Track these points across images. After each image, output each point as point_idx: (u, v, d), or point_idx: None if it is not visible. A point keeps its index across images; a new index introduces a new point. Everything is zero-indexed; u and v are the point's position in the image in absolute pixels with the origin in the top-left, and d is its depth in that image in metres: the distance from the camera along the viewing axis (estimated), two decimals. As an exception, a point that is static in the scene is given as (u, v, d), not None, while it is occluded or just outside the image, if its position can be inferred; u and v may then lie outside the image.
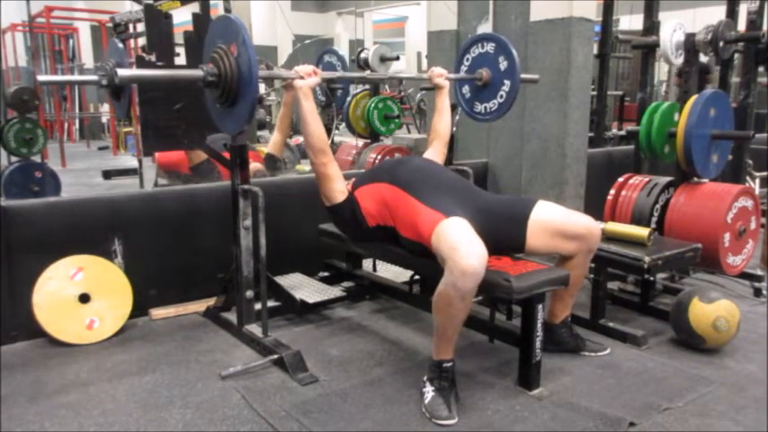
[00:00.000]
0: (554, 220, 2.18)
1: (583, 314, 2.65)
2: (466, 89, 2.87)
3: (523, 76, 2.71)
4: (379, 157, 4.47)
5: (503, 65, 2.69)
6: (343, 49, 13.01)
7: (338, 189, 2.33)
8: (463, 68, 2.84)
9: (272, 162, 3.54)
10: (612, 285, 3.00)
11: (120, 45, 2.78)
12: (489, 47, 2.73)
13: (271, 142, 3.58)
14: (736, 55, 3.51)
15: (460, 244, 1.87)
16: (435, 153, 2.68)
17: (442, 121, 2.73)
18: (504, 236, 2.19)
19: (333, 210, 2.38)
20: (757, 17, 3.17)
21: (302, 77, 2.23)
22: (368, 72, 4.60)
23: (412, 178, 2.24)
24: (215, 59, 2.03)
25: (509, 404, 2.03)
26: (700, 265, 2.84)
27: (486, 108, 2.79)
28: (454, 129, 3.15)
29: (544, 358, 2.15)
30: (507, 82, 2.68)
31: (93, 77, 1.89)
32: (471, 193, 2.32)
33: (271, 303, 2.63)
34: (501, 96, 2.71)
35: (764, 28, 3.21)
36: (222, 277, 2.71)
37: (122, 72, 1.88)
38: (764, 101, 6.57)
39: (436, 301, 1.94)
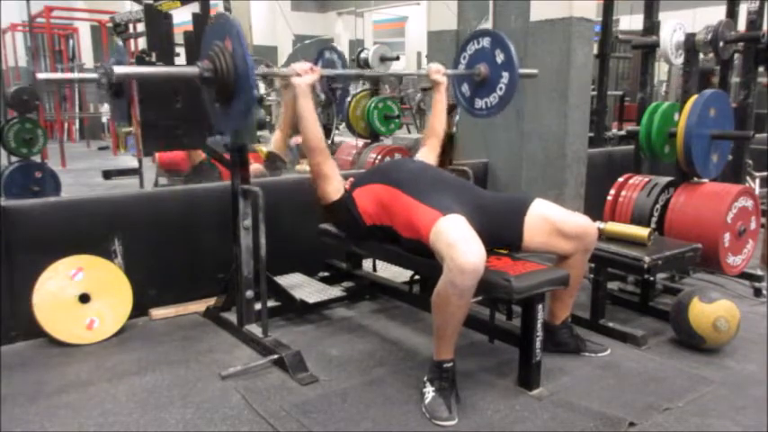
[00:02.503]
0: (551, 218, 2.18)
1: (583, 314, 2.65)
2: (465, 88, 2.87)
3: (522, 71, 2.71)
4: (379, 157, 4.47)
5: (499, 58, 2.68)
6: (343, 49, 13.05)
7: (334, 188, 2.34)
8: (461, 66, 2.84)
9: (272, 162, 3.55)
10: (612, 285, 2.99)
11: (122, 44, 2.78)
12: (485, 42, 2.73)
13: (272, 140, 3.59)
14: (736, 55, 3.51)
15: (458, 242, 1.87)
16: (430, 151, 2.69)
17: (438, 119, 2.73)
18: (501, 232, 2.19)
19: (329, 208, 2.38)
20: (757, 17, 3.17)
21: (299, 75, 2.23)
22: (367, 70, 4.61)
23: (408, 178, 2.24)
24: (210, 56, 2.04)
25: (509, 404, 2.03)
26: (700, 265, 2.85)
27: (486, 103, 2.79)
28: (454, 129, 3.16)
29: (544, 358, 2.15)
30: (506, 74, 2.67)
31: (93, 75, 1.89)
32: (468, 190, 2.32)
33: (271, 303, 2.63)
34: (500, 89, 2.71)
35: (764, 28, 3.21)
36: (222, 277, 2.72)
37: (119, 69, 1.88)
38: (765, 101, 6.56)
39: (435, 300, 1.94)
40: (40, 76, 3.51)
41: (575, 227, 2.18)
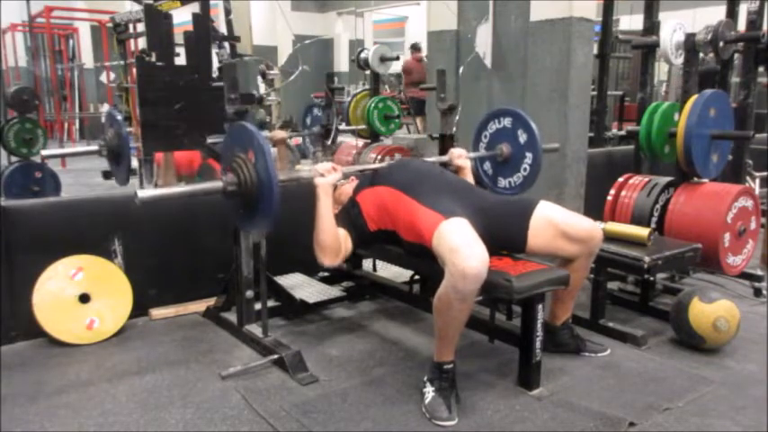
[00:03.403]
0: (557, 222, 2.17)
1: (583, 314, 2.65)
2: (487, 165, 2.89)
3: (545, 146, 2.73)
4: (379, 157, 4.47)
5: (522, 138, 2.72)
6: (343, 49, 13.02)
7: (346, 249, 2.27)
8: (482, 145, 2.86)
9: None
10: (612, 285, 2.99)
11: (119, 116, 2.77)
12: (506, 122, 2.76)
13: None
14: (736, 55, 3.51)
15: (461, 246, 1.86)
16: None
17: None
18: (504, 235, 2.18)
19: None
20: (757, 17, 3.17)
21: (322, 175, 2.19)
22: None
23: (411, 180, 2.22)
24: (234, 168, 2.02)
25: (509, 404, 2.03)
26: (700, 265, 2.85)
27: (510, 183, 2.81)
28: (454, 129, 3.16)
29: (544, 358, 2.15)
30: (529, 155, 2.70)
31: (94, 148, 1.81)
32: (471, 192, 2.31)
33: (271, 303, 2.63)
34: (525, 170, 2.74)
35: (764, 28, 3.21)
36: (222, 277, 2.72)
37: (142, 194, 1.84)
38: (765, 101, 6.56)
39: (437, 304, 1.93)
40: (44, 153, 3.42)
41: (580, 230, 2.17)
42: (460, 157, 2.62)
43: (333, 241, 2.19)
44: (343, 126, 4.91)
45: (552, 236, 2.16)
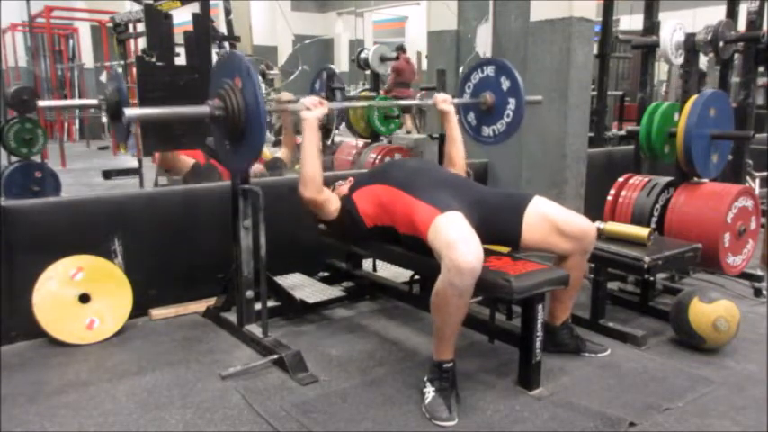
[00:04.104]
0: (551, 217, 2.18)
1: (583, 314, 2.65)
2: (471, 116, 2.88)
3: (528, 98, 2.73)
4: (379, 157, 4.47)
5: (505, 85, 2.71)
6: (343, 49, 13.03)
7: (332, 209, 2.33)
8: (466, 96, 2.86)
9: (273, 163, 3.57)
10: (612, 285, 2.99)
11: (120, 70, 2.78)
12: (489, 70, 2.75)
13: (280, 151, 3.65)
14: (736, 55, 3.51)
15: (457, 241, 1.87)
16: None
17: (455, 149, 2.67)
18: (499, 229, 2.19)
19: (329, 223, 2.39)
20: (757, 17, 3.17)
21: (309, 109, 2.22)
22: (375, 99, 4.63)
23: (407, 177, 2.24)
24: (221, 94, 2.02)
25: (509, 404, 2.03)
26: (700, 265, 2.84)
27: (494, 131, 2.81)
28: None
29: (544, 358, 2.15)
30: (512, 100, 2.69)
31: (93, 101, 1.89)
32: (467, 186, 2.33)
33: (271, 303, 2.63)
34: (508, 116, 2.73)
35: (764, 28, 3.21)
36: (222, 277, 2.71)
37: (129, 112, 1.87)
38: (765, 101, 6.56)
39: (434, 300, 1.94)
40: (41, 104, 3.48)
41: (574, 227, 2.18)
42: (445, 101, 2.65)
43: (316, 174, 2.24)
44: (341, 128, 4.91)
45: (546, 231, 2.17)
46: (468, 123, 2.89)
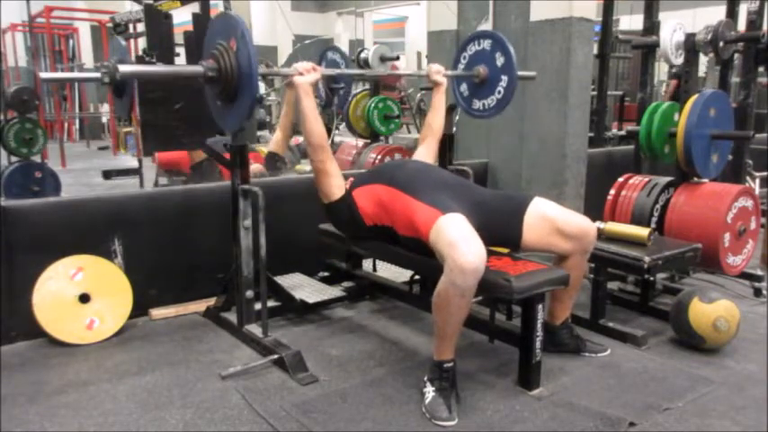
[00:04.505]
0: (551, 217, 2.18)
1: (583, 314, 2.65)
2: (464, 87, 2.87)
3: (521, 73, 2.72)
4: (379, 157, 4.47)
5: (499, 61, 2.69)
6: (343, 49, 13.05)
7: (336, 185, 2.35)
8: (461, 67, 2.85)
9: (272, 162, 3.55)
10: (612, 285, 2.99)
11: (123, 42, 2.79)
12: (486, 44, 2.74)
13: (272, 140, 3.60)
14: (736, 55, 3.51)
15: (459, 241, 1.87)
16: (428, 149, 2.71)
17: (437, 118, 2.75)
18: (499, 229, 2.19)
19: (330, 208, 2.39)
20: (757, 17, 3.17)
21: (301, 74, 2.24)
22: (367, 70, 4.61)
23: (407, 177, 2.25)
24: (215, 55, 2.04)
25: (509, 404, 2.03)
26: (700, 265, 2.84)
27: (484, 105, 2.80)
28: (454, 129, 3.16)
29: (544, 358, 2.15)
30: (504, 77, 2.69)
31: (96, 74, 1.90)
32: (467, 188, 2.33)
33: (271, 303, 2.63)
34: (499, 92, 2.72)
35: (764, 28, 3.21)
36: (222, 277, 2.72)
37: (123, 68, 1.88)
38: (764, 101, 6.57)
39: (436, 300, 1.94)
40: (43, 75, 3.50)
41: (574, 227, 2.18)
42: (438, 72, 2.70)
43: (320, 137, 2.28)
44: (341, 128, 4.91)
45: (546, 232, 2.18)
46: (460, 94, 2.90)
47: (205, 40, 2.25)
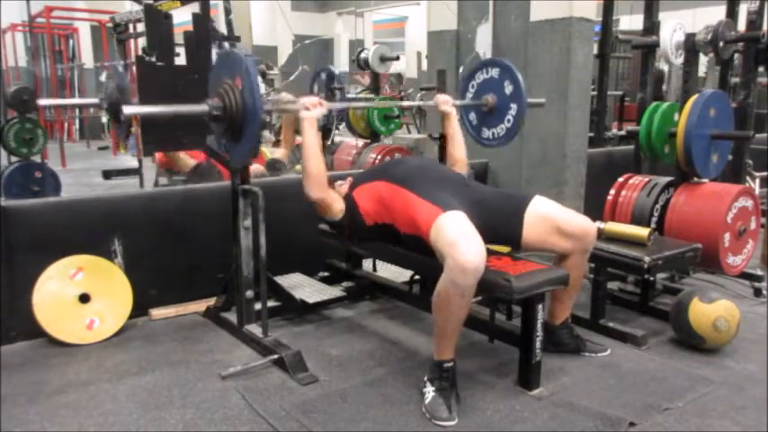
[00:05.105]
0: (551, 216, 2.18)
1: (583, 314, 2.65)
2: (472, 116, 2.88)
3: (530, 100, 2.73)
4: (379, 157, 4.47)
5: (508, 89, 2.70)
6: (343, 49, 13.04)
7: (338, 209, 2.34)
8: (468, 95, 2.85)
9: (273, 166, 3.57)
10: (612, 285, 2.99)
11: (121, 69, 2.80)
12: (494, 72, 2.75)
13: (277, 151, 3.64)
14: (736, 55, 3.51)
15: (459, 240, 1.87)
16: None
17: (456, 149, 2.69)
18: (500, 228, 2.19)
19: (332, 223, 2.40)
20: (757, 17, 3.17)
21: (308, 108, 2.23)
22: (375, 100, 4.63)
23: (408, 174, 2.24)
24: (220, 94, 2.03)
25: (509, 404, 2.03)
26: (700, 265, 2.85)
27: (493, 133, 2.81)
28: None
29: (544, 358, 2.15)
30: (514, 106, 2.69)
31: (94, 100, 1.89)
32: (468, 186, 2.33)
33: (271, 303, 2.62)
34: (508, 121, 2.73)
35: (764, 28, 3.21)
36: (222, 277, 2.72)
37: (128, 110, 1.87)
38: (765, 101, 6.56)
39: (436, 300, 1.94)
40: (42, 102, 3.52)
41: (574, 226, 2.18)
42: (446, 103, 2.66)
43: (320, 173, 2.25)
44: (341, 127, 4.91)
45: (546, 231, 2.18)
46: (468, 122, 2.89)
47: (210, 77, 2.24)
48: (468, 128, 2.90)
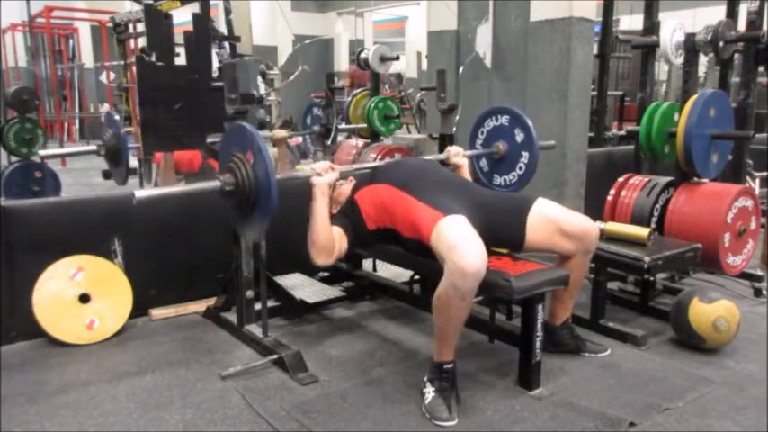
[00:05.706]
0: (554, 218, 2.18)
1: (583, 314, 2.65)
2: (483, 163, 2.90)
3: (541, 143, 2.74)
4: (379, 157, 4.47)
5: (519, 137, 2.72)
6: (343, 49, 13.03)
7: (345, 249, 2.24)
8: (478, 142, 2.87)
9: None
10: (612, 285, 2.99)
11: (116, 116, 2.86)
12: (503, 119, 2.77)
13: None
14: (736, 55, 3.51)
15: (460, 244, 1.87)
16: None
17: None
18: (502, 231, 2.19)
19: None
20: (757, 17, 3.17)
21: (319, 174, 2.17)
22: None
23: (409, 177, 2.23)
24: (232, 168, 2.02)
25: (509, 404, 2.03)
26: (700, 265, 2.84)
27: (505, 180, 2.83)
28: (454, 129, 3.16)
29: (544, 358, 2.15)
30: (525, 154, 2.71)
31: (92, 147, 1.85)
32: (469, 189, 2.32)
33: (271, 303, 2.63)
34: (520, 168, 2.75)
35: (764, 28, 3.21)
36: (222, 277, 2.72)
37: (139, 194, 1.82)
38: (764, 101, 6.56)
39: (436, 303, 1.93)
40: (41, 152, 3.59)
41: (577, 227, 2.18)
42: (458, 155, 2.63)
43: (327, 241, 2.15)
44: (343, 125, 4.90)
45: (549, 232, 2.17)
46: (479, 169, 2.92)
47: (220, 147, 2.23)
48: (479, 175, 2.91)
